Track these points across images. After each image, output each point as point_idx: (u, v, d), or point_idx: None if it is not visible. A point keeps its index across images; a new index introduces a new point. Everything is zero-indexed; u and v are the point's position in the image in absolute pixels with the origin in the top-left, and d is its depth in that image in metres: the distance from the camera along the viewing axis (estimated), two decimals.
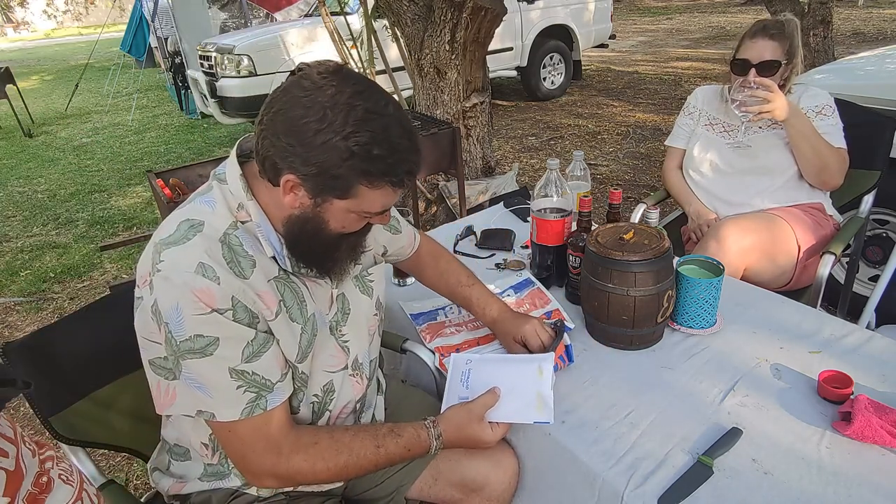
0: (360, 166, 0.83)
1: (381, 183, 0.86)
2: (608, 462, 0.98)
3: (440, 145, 2.85)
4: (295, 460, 0.94)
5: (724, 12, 13.72)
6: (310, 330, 0.98)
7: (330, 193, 0.86)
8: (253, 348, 0.89)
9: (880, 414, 0.98)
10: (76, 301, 3.39)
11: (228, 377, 0.88)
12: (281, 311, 0.93)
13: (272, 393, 0.92)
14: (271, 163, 0.86)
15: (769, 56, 1.74)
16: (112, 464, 2.17)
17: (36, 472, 0.70)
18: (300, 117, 0.82)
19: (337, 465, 0.96)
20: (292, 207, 0.89)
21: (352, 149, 0.81)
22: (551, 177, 1.41)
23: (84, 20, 32.13)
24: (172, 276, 0.84)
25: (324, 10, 3.92)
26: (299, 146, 0.82)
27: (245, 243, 0.90)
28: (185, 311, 0.84)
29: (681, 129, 2.05)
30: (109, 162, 6.23)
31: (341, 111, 0.81)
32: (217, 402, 0.89)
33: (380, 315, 1.17)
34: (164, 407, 0.96)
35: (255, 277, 0.90)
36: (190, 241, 0.87)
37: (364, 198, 0.87)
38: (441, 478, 1.17)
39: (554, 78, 7.21)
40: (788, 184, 1.82)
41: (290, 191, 0.87)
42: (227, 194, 0.92)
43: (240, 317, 0.88)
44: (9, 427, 0.71)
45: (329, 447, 0.96)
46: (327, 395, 1.05)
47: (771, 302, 1.40)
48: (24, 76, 13.53)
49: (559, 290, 1.51)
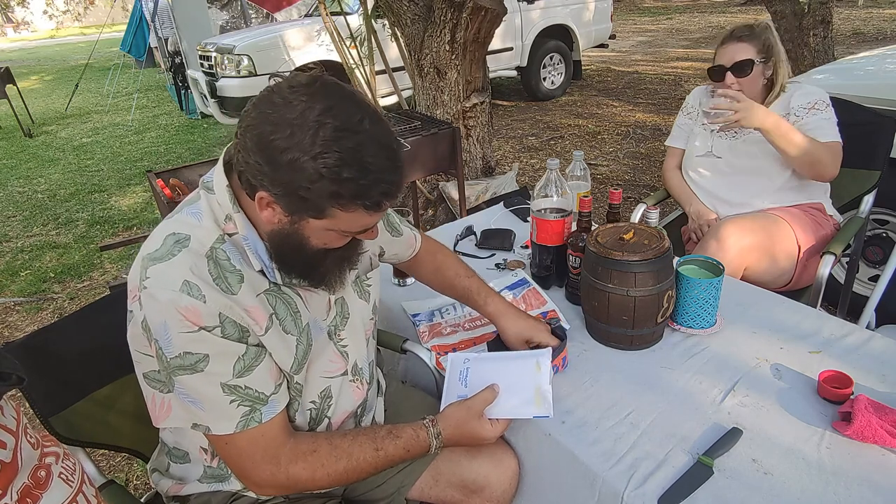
0: (330, 188, 0.78)
1: (353, 206, 0.81)
2: (608, 462, 0.98)
3: (440, 145, 2.85)
4: (294, 469, 0.93)
5: (724, 12, 13.71)
6: (305, 341, 0.97)
7: (304, 213, 0.83)
8: (244, 363, 0.88)
9: (880, 414, 0.98)
10: (76, 301, 3.39)
11: (221, 392, 0.87)
12: (272, 324, 0.92)
13: (267, 405, 0.91)
14: (245, 179, 0.84)
15: (741, 57, 1.75)
16: (112, 464, 2.17)
17: (34, 465, 0.70)
18: (268, 134, 0.78)
19: (336, 472, 0.95)
20: (271, 223, 0.86)
21: (320, 171, 0.77)
22: (551, 177, 1.41)
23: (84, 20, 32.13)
24: (157, 294, 0.83)
25: (324, 9, 3.92)
26: (267, 165, 0.79)
27: (232, 257, 0.88)
28: (172, 329, 0.83)
29: (680, 129, 2.06)
30: (109, 162, 6.23)
31: (310, 129, 0.76)
32: (211, 416, 0.88)
33: (375, 318, 1.17)
34: (160, 419, 0.95)
35: (243, 293, 0.88)
36: (175, 257, 0.85)
37: (339, 219, 0.83)
38: (441, 479, 1.16)
39: (554, 78, 7.20)
40: (788, 183, 1.82)
41: (267, 206, 0.84)
42: (215, 205, 0.90)
43: (229, 332, 0.86)
44: (13, 418, 0.71)
45: (328, 454, 0.95)
46: (325, 402, 1.04)
47: (771, 302, 1.40)
48: (24, 76, 13.53)
49: (559, 290, 1.51)
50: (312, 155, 0.77)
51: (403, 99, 4.68)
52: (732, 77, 1.77)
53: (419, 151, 2.76)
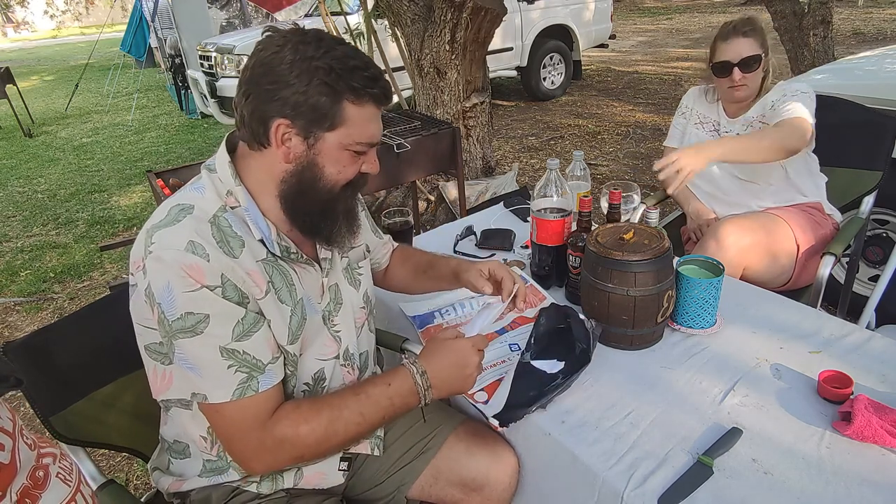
0: (343, 78, 0.87)
1: (364, 96, 0.90)
2: (608, 462, 0.98)
3: (440, 145, 2.85)
4: (278, 428, 0.92)
5: (724, 12, 13.70)
6: (299, 313, 0.99)
7: (319, 126, 0.90)
8: (243, 326, 0.90)
9: (880, 414, 0.98)
10: (76, 301, 3.40)
11: (220, 356, 0.88)
12: (270, 290, 0.95)
13: (264, 374, 0.92)
14: (258, 115, 0.89)
15: (748, 52, 1.75)
16: (112, 464, 2.17)
17: (32, 465, 0.70)
18: (277, 60, 0.87)
19: (321, 425, 0.93)
20: (287, 161, 0.92)
21: (330, 64, 0.87)
22: (551, 177, 1.41)
23: (84, 20, 32.13)
24: (163, 254, 0.86)
25: (324, 9, 3.92)
26: (280, 82, 0.87)
27: (234, 225, 0.92)
28: (176, 288, 0.85)
29: (676, 130, 2.06)
30: (109, 162, 6.23)
31: (311, 42, 0.88)
32: (208, 383, 0.89)
33: (367, 308, 1.17)
34: (161, 391, 0.97)
35: (244, 257, 0.91)
36: (180, 222, 0.89)
37: (352, 121, 0.91)
38: (441, 477, 1.17)
39: (554, 78, 7.21)
40: (784, 183, 1.82)
41: (283, 142, 0.90)
42: (217, 182, 0.95)
43: (229, 294, 0.88)
44: (9, 420, 0.71)
45: (309, 408, 0.95)
46: (318, 384, 1.05)
47: (771, 302, 1.40)
48: (24, 76, 13.53)
49: (559, 290, 1.51)
50: (319, 55, 0.87)
51: (403, 99, 4.68)
52: (740, 73, 1.76)
53: (419, 151, 2.75)
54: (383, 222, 1.67)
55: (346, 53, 0.89)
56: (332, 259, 1.08)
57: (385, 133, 2.74)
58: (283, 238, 0.98)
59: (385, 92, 0.93)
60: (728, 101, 1.89)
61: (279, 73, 0.87)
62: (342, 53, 0.88)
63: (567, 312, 1.21)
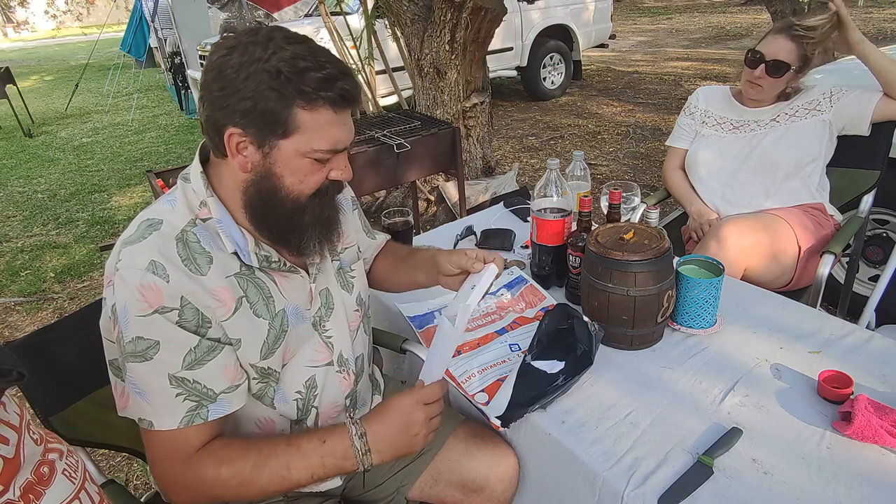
0: (291, 82, 0.81)
1: (316, 101, 0.83)
2: (608, 462, 0.98)
3: (440, 145, 2.85)
4: (200, 466, 0.88)
5: (724, 12, 13.71)
6: (278, 326, 0.97)
7: (272, 134, 0.85)
8: (196, 355, 0.87)
9: (880, 414, 0.98)
10: (76, 301, 3.40)
11: (168, 384, 0.86)
12: (242, 307, 0.92)
13: (215, 403, 0.89)
14: (212, 123, 0.86)
15: (782, 57, 1.75)
16: (112, 464, 2.17)
17: (37, 461, 0.70)
18: (225, 63, 0.83)
19: (243, 469, 0.87)
20: (244, 171, 0.88)
21: (277, 66, 0.81)
22: (551, 177, 1.41)
23: (84, 20, 32.14)
24: (125, 273, 0.84)
25: (324, 9, 3.92)
26: (228, 88, 0.82)
27: (202, 240, 0.90)
28: (130, 311, 0.84)
29: (681, 130, 2.06)
30: (109, 162, 6.23)
31: (260, 42, 0.82)
32: (156, 410, 0.87)
33: (362, 311, 1.16)
34: (122, 409, 0.94)
35: (212, 274, 0.89)
36: (146, 239, 0.87)
37: (306, 128, 0.84)
38: (441, 478, 1.16)
39: (554, 78, 7.21)
40: (791, 181, 1.82)
41: (238, 151, 0.86)
42: (190, 192, 0.92)
43: (186, 318, 0.85)
44: (15, 415, 0.71)
45: (238, 448, 0.90)
46: (310, 392, 1.03)
47: (771, 302, 1.40)
48: (24, 76, 13.52)
49: (559, 290, 1.51)
50: (266, 58, 0.81)
51: (403, 99, 4.68)
52: (762, 71, 1.77)
53: (419, 151, 2.75)
54: (383, 222, 1.67)
55: (297, 54, 0.82)
56: (322, 264, 1.05)
57: (385, 133, 2.74)
58: (263, 247, 0.95)
59: (344, 93, 0.85)
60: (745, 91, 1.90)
61: (227, 77, 0.82)
62: (292, 54, 0.82)
63: (570, 313, 1.20)
